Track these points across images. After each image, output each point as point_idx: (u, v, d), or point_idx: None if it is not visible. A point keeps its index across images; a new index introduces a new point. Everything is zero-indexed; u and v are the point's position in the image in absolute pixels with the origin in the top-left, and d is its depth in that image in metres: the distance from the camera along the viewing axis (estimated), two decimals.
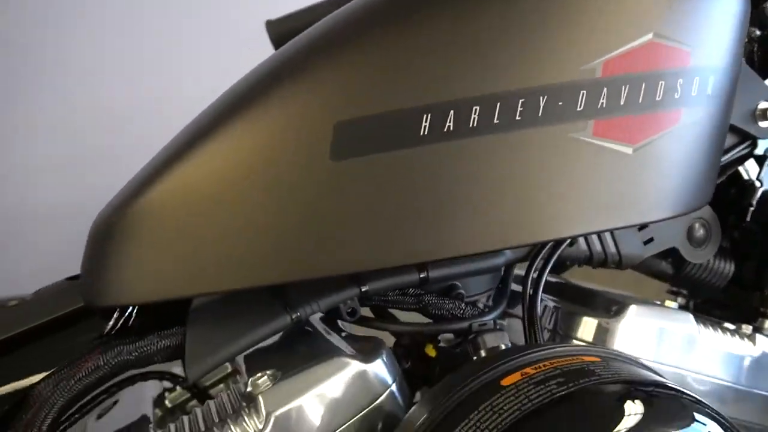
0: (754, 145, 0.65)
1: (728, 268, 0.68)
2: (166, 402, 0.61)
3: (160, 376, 0.58)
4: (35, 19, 1.22)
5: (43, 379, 0.48)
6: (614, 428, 0.39)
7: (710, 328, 0.59)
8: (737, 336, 0.60)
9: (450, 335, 0.60)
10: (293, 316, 0.51)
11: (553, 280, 0.68)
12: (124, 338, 0.50)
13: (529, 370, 0.44)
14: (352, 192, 0.47)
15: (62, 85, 1.25)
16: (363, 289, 0.53)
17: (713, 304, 0.73)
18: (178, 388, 0.60)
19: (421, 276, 0.54)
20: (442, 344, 0.59)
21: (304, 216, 0.47)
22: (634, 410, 0.41)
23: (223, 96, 0.51)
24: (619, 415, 0.40)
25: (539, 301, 0.58)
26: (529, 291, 0.58)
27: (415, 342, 0.59)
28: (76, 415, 0.53)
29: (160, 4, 1.29)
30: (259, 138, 0.47)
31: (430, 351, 0.58)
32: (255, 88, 0.48)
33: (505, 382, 0.44)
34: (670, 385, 0.44)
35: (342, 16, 0.49)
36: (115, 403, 0.60)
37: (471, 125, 0.47)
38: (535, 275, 0.58)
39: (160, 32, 1.28)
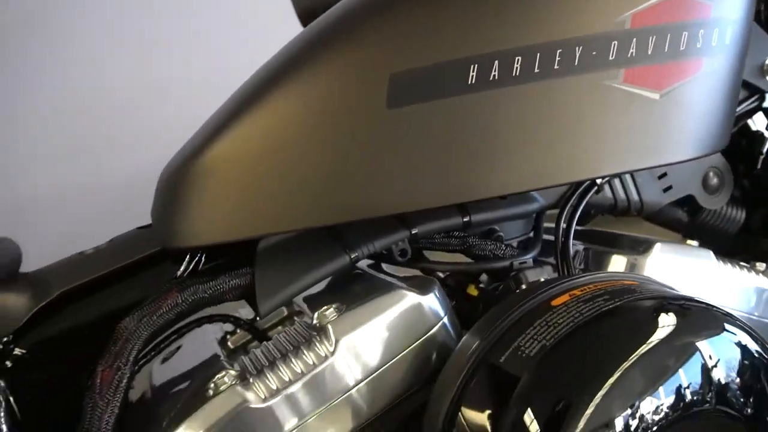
0: (763, 99, 0.70)
1: (740, 215, 0.73)
2: (229, 344, 0.66)
3: (224, 318, 0.62)
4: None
5: (127, 316, 0.52)
6: (654, 335, 0.44)
7: (728, 264, 0.64)
8: (753, 272, 0.65)
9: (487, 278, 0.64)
10: (352, 256, 0.55)
11: (580, 228, 0.73)
12: (197, 279, 0.54)
13: (576, 291, 0.48)
14: (406, 137, 0.51)
15: (62, 72, 1.25)
16: (413, 232, 0.57)
17: (724, 254, 0.78)
18: (239, 331, 0.64)
19: (464, 220, 0.59)
20: (483, 285, 0.63)
21: (362, 160, 0.51)
22: (670, 321, 0.45)
23: (279, 54, 0.55)
24: (658, 324, 0.45)
25: (571, 243, 0.62)
26: (561, 234, 0.62)
27: (458, 283, 0.63)
28: (149, 356, 0.57)
29: None
30: (321, 90, 0.51)
31: (473, 291, 0.63)
32: (314, 45, 0.52)
33: (555, 302, 0.48)
34: (701, 300, 0.48)
35: None
36: (179, 348, 0.64)
37: (514, 74, 0.51)
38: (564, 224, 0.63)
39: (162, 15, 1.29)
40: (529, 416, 0.45)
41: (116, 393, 0.50)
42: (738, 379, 0.47)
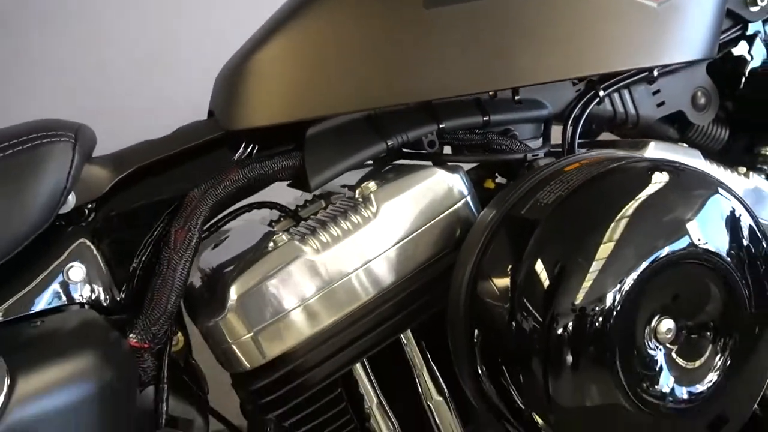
0: (745, 28, 0.78)
1: (723, 134, 0.81)
2: (275, 230, 0.73)
3: (271, 205, 0.69)
4: None
5: (195, 188, 0.59)
6: (657, 186, 0.52)
7: (714, 164, 0.72)
8: (735, 173, 0.73)
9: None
10: (389, 143, 0.63)
11: (582, 141, 0.81)
12: (254, 160, 0.62)
13: (586, 161, 0.56)
14: (439, 33, 0.58)
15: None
16: (440, 126, 0.65)
17: None
18: (282, 220, 0.71)
19: (484, 119, 0.66)
20: (499, 180, 0.71)
21: (401, 52, 0.59)
22: (671, 177, 0.53)
23: None
24: (660, 178, 0.52)
25: (576, 145, 0.70)
26: (568, 136, 0.70)
27: (478, 178, 0.71)
28: (210, 229, 0.64)
29: None
30: None
31: (490, 184, 0.70)
32: None
33: (568, 169, 0.56)
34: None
35: None
36: (227, 238, 0.72)
37: None
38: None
39: None
40: (541, 264, 0.52)
41: (188, 249, 0.57)
42: (728, 237, 0.54)
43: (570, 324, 0.52)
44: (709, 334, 0.56)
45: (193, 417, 0.60)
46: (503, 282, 0.55)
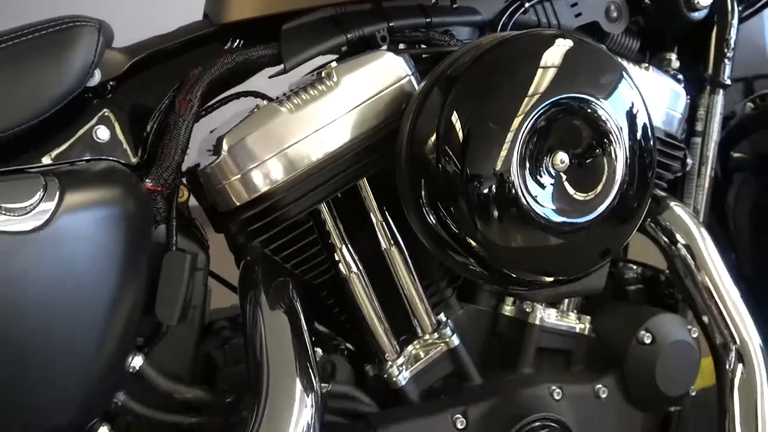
0: None
1: (634, 44, 0.96)
2: None
3: (255, 94, 0.84)
4: None
5: (194, 69, 0.75)
6: (556, 47, 0.67)
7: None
8: (637, 66, 0.88)
9: None
10: (348, 36, 0.78)
11: None
12: (240, 48, 0.77)
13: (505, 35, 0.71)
14: None
15: None
16: (390, 24, 0.80)
17: None
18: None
19: (426, 20, 0.81)
20: None
21: None
22: (569, 43, 0.68)
23: None
24: (561, 41, 0.68)
25: None
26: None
27: (422, 73, 0.86)
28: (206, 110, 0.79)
29: None
30: None
31: None
32: None
33: (486, 41, 0.71)
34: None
35: None
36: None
37: None
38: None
39: None
40: (456, 115, 0.67)
41: (189, 114, 0.72)
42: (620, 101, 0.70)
43: (482, 165, 0.67)
44: (594, 172, 0.71)
45: (197, 252, 0.75)
46: (431, 133, 0.69)
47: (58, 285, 0.61)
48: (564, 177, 0.70)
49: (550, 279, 0.73)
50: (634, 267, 1.01)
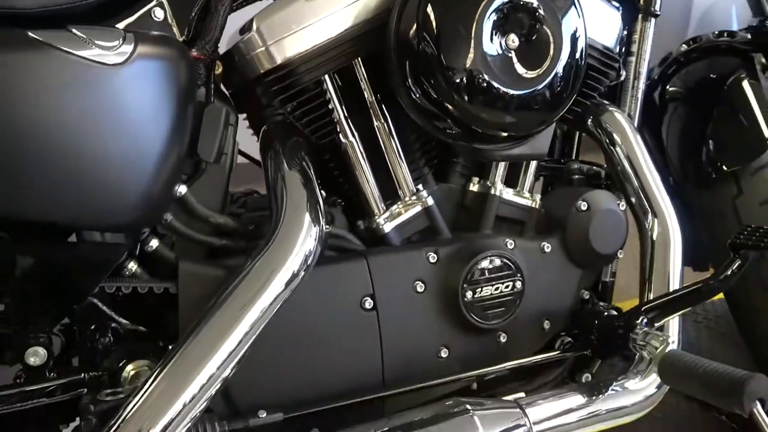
0: None
1: None
2: None
3: None
4: None
5: None
6: None
7: None
8: None
9: None
10: None
11: None
12: None
13: None
14: None
15: None
16: None
17: None
18: None
19: None
20: None
21: None
22: None
23: None
24: None
25: None
26: None
27: None
28: None
29: None
30: None
31: None
32: None
33: None
34: None
35: None
36: None
37: None
38: None
39: None
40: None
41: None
42: None
43: (452, 47, 0.87)
44: (537, 55, 0.91)
45: (229, 111, 0.94)
46: (412, 24, 0.89)
47: (135, 110, 0.80)
48: (515, 56, 0.91)
49: (505, 134, 0.93)
50: (579, 164, 1.22)
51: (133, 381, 0.84)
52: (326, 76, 0.96)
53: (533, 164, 1.12)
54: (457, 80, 0.88)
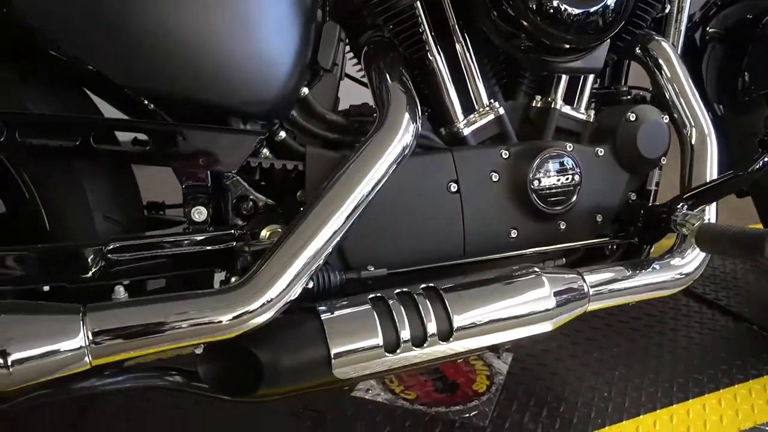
0: None
1: None
2: None
3: None
4: None
5: None
6: None
7: None
8: None
9: None
10: None
11: None
12: None
13: None
14: None
15: None
16: None
17: None
18: None
19: None
20: None
21: None
22: None
23: None
24: None
25: None
26: None
27: None
28: None
29: None
30: None
31: None
32: None
33: None
34: None
35: None
36: None
37: None
38: None
39: None
40: None
41: None
42: None
43: None
44: None
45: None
46: None
47: (276, 22, 1.00)
48: None
49: (567, 47, 1.12)
50: (628, 88, 1.39)
51: (270, 238, 1.05)
52: (418, 2, 1.15)
53: (588, 84, 1.30)
54: (532, 2, 1.07)
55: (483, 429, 1.29)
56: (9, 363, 0.77)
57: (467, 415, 1.33)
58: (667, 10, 1.35)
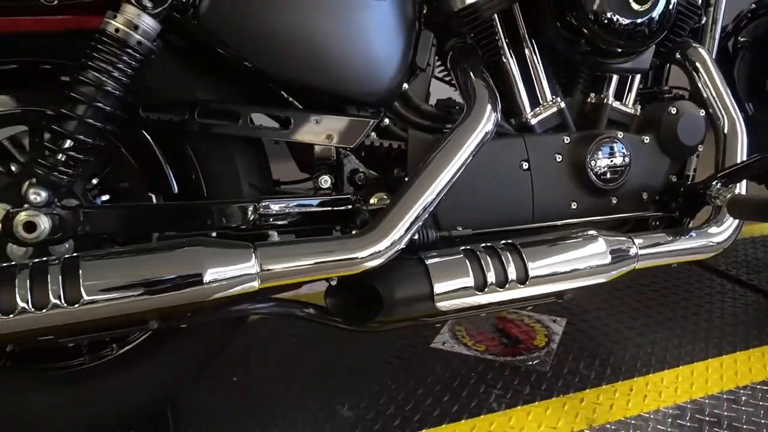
0: None
1: None
2: None
3: None
4: None
5: None
6: None
7: None
8: None
9: None
10: None
11: None
12: None
13: None
14: None
15: None
16: None
17: None
18: None
19: None
20: None
21: None
22: None
23: None
24: None
25: None
26: None
27: None
28: None
29: None
30: None
31: None
32: None
33: None
34: None
35: None
36: None
37: None
38: None
39: None
40: None
41: None
42: None
43: None
44: None
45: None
46: None
47: (388, 27, 1.27)
48: None
49: (620, 50, 1.36)
50: (669, 88, 1.63)
51: (378, 203, 1.31)
52: (496, 15, 1.41)
53: (636, 83, 1.54)
54: (591, 14, 1.32)
55: (545, 373, 1.52)
56: (205, 281, 1.04)
57: (530, 363, 1.57)
58: (703, 21, 1.58)
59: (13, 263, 0.99)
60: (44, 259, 1.01)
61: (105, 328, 1.05)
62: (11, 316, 0.94)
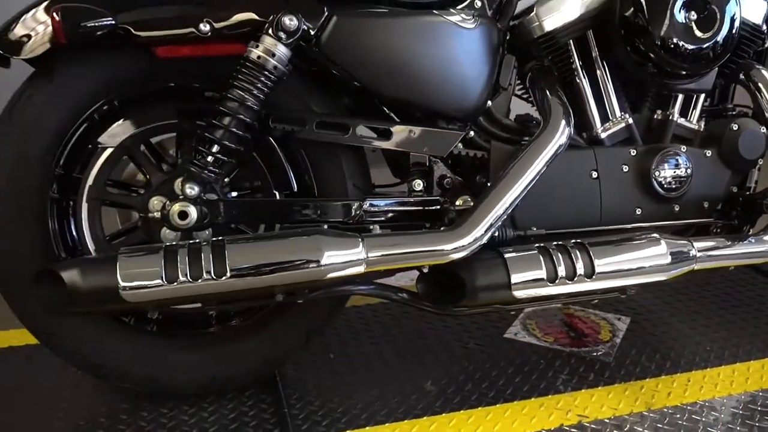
0: None
1: None
2: None
3: None
4: None
5: None
6: None
7: None
8: None
9: None
10: None
11: None
12: None
13: None
14: None
15: None
16: None
17: None
18: None
19: None
20: None
21: None
22: None
23: None
24: None
25: None
26: None
27: None
28: None
29: None
30: None
31: None
32: None
33: None
34: None
35: None
36: None
37: None
38: None
39: None
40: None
41: None
42: None
43: (657, 19, 1.47)
44: (708, 23, 1.48)
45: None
46: (630, 3, 1.50)
47: (476, 52, 1.47)
48: (694, 25, 1.49)
49: (684, 72, 1.52)
50: (732, 106, 1.76)
51: (463, 205, 1.51)
52: (571, 41, 1.58)
53: (700, 101, 1.68)
54: (658, 40, 1.48)
55: (608, 363, 1.68)
56: (322, 263, 1.26)
57: (595, 353, 1.73)
58: (766, 45, 1.71)
59: (174, 243, 1.24)
60: (196, 240, 1.26)
61: (243, 299, 1.28)
62: (175, 284, 1.19)
